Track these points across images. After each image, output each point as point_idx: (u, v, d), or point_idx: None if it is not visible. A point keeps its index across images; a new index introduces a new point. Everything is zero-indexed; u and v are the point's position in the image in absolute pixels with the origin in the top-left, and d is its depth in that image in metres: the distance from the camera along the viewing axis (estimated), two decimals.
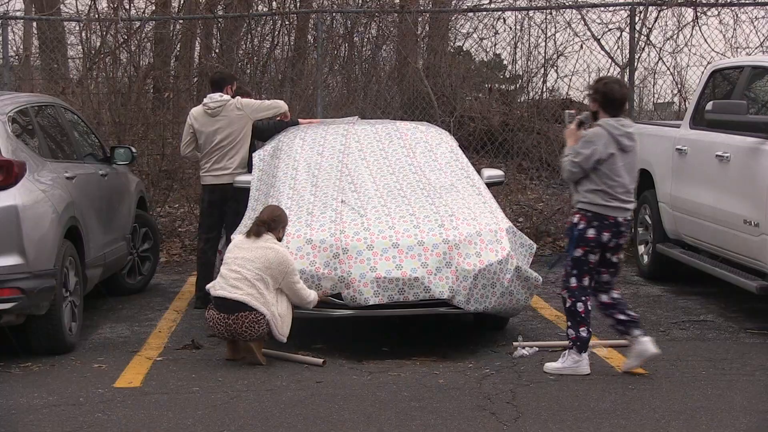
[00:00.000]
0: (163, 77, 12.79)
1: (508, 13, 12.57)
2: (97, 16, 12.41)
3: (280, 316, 6.57)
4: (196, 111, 8.56)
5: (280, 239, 6.74)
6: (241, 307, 6.47)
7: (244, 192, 7.95)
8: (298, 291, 6.59)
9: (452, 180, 7.65)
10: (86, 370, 6.55)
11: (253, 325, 6.45)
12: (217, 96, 8.43)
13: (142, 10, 13.23)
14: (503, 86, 14.42)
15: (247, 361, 6.61)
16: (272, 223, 6.72)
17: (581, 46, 12.14)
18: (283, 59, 13.15)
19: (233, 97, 8.47)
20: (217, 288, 6.61)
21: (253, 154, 8.32)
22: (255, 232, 6.67)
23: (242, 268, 6.54)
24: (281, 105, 8.67)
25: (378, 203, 7.23)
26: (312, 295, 6.64)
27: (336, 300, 6.72)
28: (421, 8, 13.49)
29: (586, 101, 12.97)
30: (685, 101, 12.19)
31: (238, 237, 6.81)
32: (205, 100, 8.49)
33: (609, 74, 12.03)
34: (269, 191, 7.60)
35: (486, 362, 6.65)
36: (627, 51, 11.59)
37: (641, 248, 9.79)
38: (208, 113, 8.42)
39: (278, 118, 8.66)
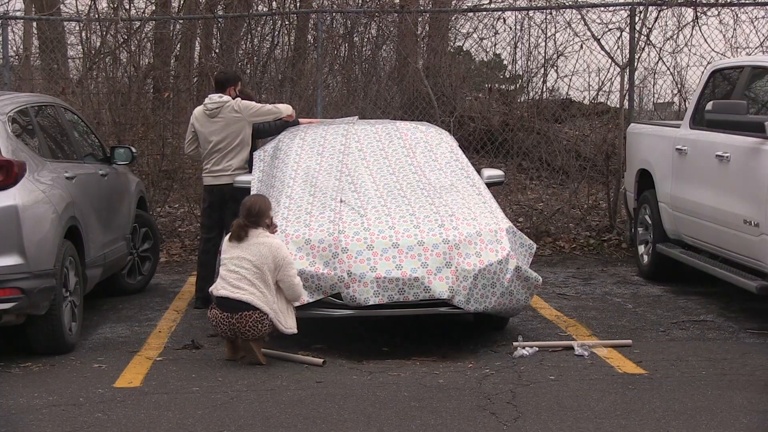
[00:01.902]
0: (163, 77, 12.79)
1: (508, 13, 12.55)
2: (97, 16, 12.41)
3: (281, 311, 6.57)
4: (197, 111, 8.56)
5: (269, 226, 6.73)
6: (244, 306, 6.48)
7: (244, 192, 7.93)
8: (294, 286, 6.55)
9: (452, 180, 7.65)
10: (86, 370, 6.55)
11: (257, 324, 6.46)
12: (216, 97, 8.41)
13: (142, 10, 13.23)
14: (503, 86, 14.40)
15: (247, 361, 6.61)
16: (253, 219, 6.67)
17: (581, 46, 12.13)
18: (283, 59, 13.14)
19: (235, 98, 8.45)
20: (219, 288, 6.61)
21: (254, 154, 8.32)
22: (236, 236, 6.65)
23: (240, 267, 6.53)
24: (282, 110, 8.57)
25: (378, 203, 7.23)
26: (304, 294, 6.63)
27: (336, 300, 6.73)
28: (421, 8, 13.47)
29: (585, 101, 13.06)
30: (685, 101, 12.18)
31: (227, 238, 6.79)
32: (205, 101, 8.49)
33: (609, 74, 12.09)
34: (269, 191, 7.59)
35: (486, 362, 6.65)
36: (627, 51, 11.57)
37: (641, 248, 9.78)
38: (207, 114, 8.41)
39: (283, 118, 8.64)
